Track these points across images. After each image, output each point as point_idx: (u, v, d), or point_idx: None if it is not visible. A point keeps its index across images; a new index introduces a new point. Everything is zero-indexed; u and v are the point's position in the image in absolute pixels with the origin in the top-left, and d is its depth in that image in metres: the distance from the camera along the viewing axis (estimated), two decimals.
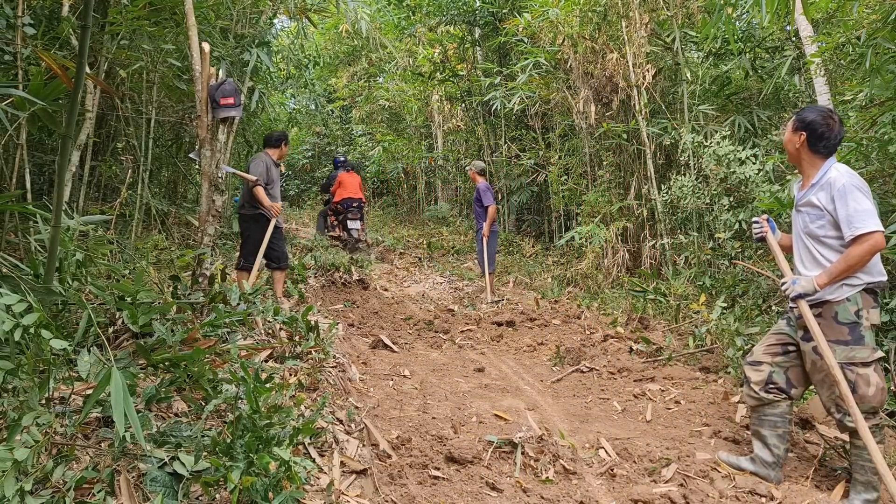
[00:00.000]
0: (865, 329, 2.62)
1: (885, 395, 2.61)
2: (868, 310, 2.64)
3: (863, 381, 2.59)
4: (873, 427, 2.58)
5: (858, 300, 2.63)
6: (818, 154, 2.76)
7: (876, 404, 2.60)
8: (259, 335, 3.58)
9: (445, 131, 14.46)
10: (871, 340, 2.64)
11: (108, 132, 6.60)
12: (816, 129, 2.73)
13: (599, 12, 7.69)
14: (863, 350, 2.61)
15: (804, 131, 2.76)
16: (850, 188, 2.62)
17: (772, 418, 2.83)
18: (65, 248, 2.84)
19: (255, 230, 5.42)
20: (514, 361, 4.86)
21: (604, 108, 8.14)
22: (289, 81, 10.99)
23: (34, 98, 2.57)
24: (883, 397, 2.60)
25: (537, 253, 10.12)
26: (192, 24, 3.87)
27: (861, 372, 2.60)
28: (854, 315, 2.63)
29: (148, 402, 2.26)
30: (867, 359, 2.60)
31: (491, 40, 11.34)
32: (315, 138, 19.13)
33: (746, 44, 7.66)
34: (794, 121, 2.83)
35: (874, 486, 2.60)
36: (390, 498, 2.41)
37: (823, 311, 2.69)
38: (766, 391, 2.84)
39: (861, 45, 4.36)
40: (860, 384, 2.59)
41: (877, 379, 2.60)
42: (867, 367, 2.60)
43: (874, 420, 2.61)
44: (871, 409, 2.60)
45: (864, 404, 2.57)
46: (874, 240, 2.56)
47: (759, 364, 2.90)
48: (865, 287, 2.63)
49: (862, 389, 2.58)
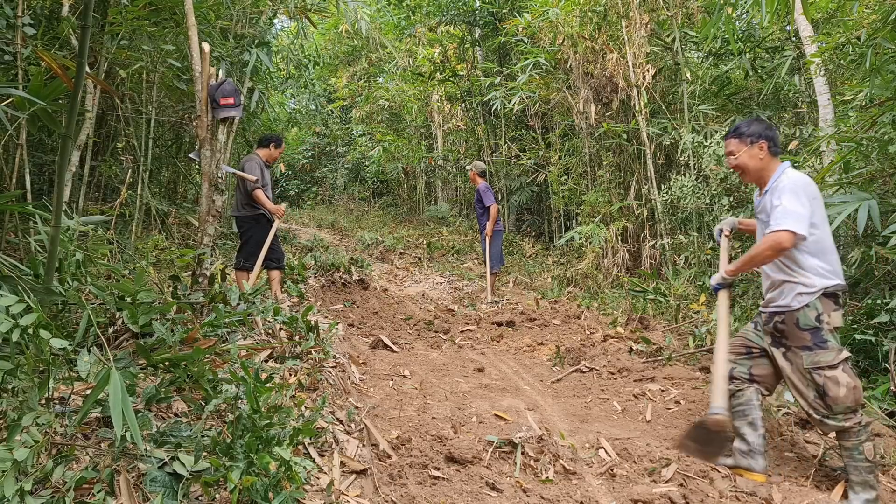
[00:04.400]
0: (827, 332, 2.66)
1: (858, 392, 2.62)
2: (829, 313, 2.67)
3: (832, 383, 2.62)
4: (857, 427, 2.61)
5: (818, 305, 2.66)
6: (776, 156, 2.88)
7: (850, 403, 2.61)
8: (259, 335, 3.58)
9: (445, 131, 14.46)
10: (835, 343, 2.67)
11: (108, 132, 6.61)
12: (772, 133, 2.87)
13: (599, 12, 7.70)
14: (827, 353, 2.64)
15: (764, 140, 2.86)
16: (787, 188, 2.71)
17: (738, 408, 2.85)
18: (65, 248, 2.84)
19: (256, 231, 5.42)
20: (514, 361, 4.85)
21: (604, 108, 8.14)
22: (289, 81, 11.00)
23: (34, 98, 2.56)
24: (856, 395, 2.61)
25: (537, 253, 10.13)
26: (192, 24, 3.87)
27: (829, 374, 2.63)
28: (815, 320, 2.66)
29: (148, 402, 2.26)
30: (832, 361, 2.63)
31: (491, 40, 11.35)
32: (315, 138, 19.14)
33: (746, 44, 7.67)
34: (746, 137, 2.89)
35: (871, 485, 2.60)
36: (390, 498, 2.41)
37: (786, 319, 2.73)
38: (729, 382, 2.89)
39: (861, 45, 4.37)
40: (829, 386, 2.62)
41: (846, 379, 2.61)
42: (834, 370, 2.62)
43: (854, 419, 2.62)
44: (847, 409, 2.62)
45: (838, 405, 2.60)
46: (778, 237, 2.63)
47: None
48: (824, 292, 2.67)
49: (832, 391, 2.61)
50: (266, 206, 5.39)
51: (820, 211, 2.74)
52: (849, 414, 2.62)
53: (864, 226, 3.64)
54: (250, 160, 5.50)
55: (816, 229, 2.69)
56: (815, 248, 2.69)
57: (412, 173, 15.97)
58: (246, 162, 5.49)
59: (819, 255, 2.70)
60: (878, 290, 4.24)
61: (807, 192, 2.69)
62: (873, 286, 4.36)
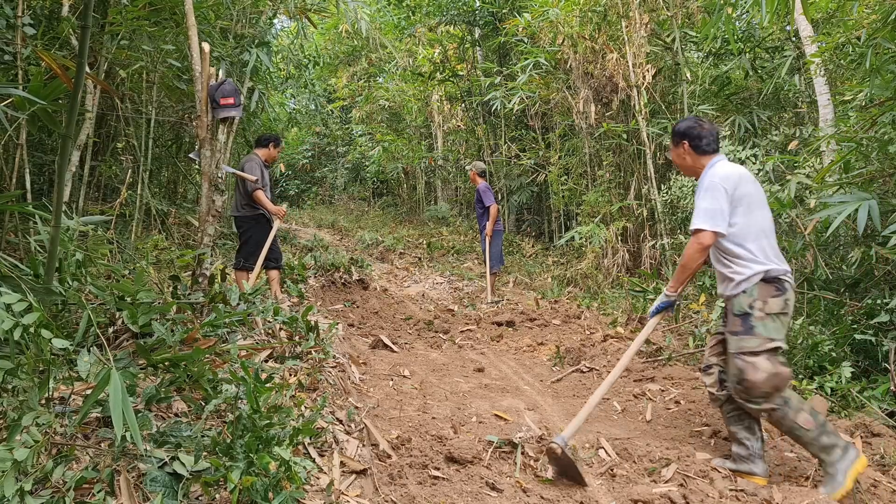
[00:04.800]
0: (757, 319, 2.68)
1: (779, 379, 2.64)
2: (766, 300, 2.69)
3: (751, 369, 2.66)
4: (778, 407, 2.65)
5: (754, 292, 2.70)
6: (705, 153, 2.92)
7: (768, 389, 2.65)
8: (259, 335, 3.58)
9: (445, 131, 14.45)
10: (764, 330, 2.68)
11: (108, 132, 6.61)
12: (692, 132, 2.93)
13: (599, 12, 7.69)
14: (752, 340, 2.68)
15: (684, 140, 2.95)
16: (704, 186, 2.81)
17: (735, 412, 2.85)
18: (65, 248, 2.84)
19: (256, 231, 5.43)
20: (514, 361, 4.85)
21: (604, 108, 8.14)
22: (289, 81, 11.00)
23: (34, 98, 2.56)
24: (776, 382, 2.64)
25: (537, 253, 10.13)
26: (192, 24, 3.87)
27: (749, 360, 2.67)
28: (746, 307, 2.71)
29: (148, 402, 2.26)
30: (756, 348, 2.67)
31: (491, 40, 11.35)
32: (315, 138, 19.13)
33: (746, 44, 7.67)
34: (673, 138, 3.02)
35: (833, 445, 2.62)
36: (390, 498, 2.41)
37: (726, 306, 2.86)
38: (719, 390, 2.89)
39: (861, 45, 4.37)
40: (748, 371, 2.66)
41: (767, 366, 2.64)
42: (756, 356, 2.66)
43: (774, 402, 2.66)
44: (765, 394, 2.65)
45: (756, 389, 2.65)
46: (697, 238, 2.73)
47: (710, 368, 2.96)
48: (764, 277, 2.70)
49: (750, 376, 2.66)
50: (266, 207, 5.40)
51: (748, 198, 2.77)
52: (768, 398, 2.67)
53: (864, 226, 3.63)
54: (250, 160, 5.50)
55: (741, 218, 2.74)
56: (743, 236, 2.74)
57: (412, 173, 15.96)
58: (246, 162, 5.49)
59: (749, 241, 2.74)
60: (878, 290, 4.23)
61: (726, 184, 2.75)
62: (873, 286, 4.36)
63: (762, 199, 2.85)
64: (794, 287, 2.79)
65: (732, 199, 2.74)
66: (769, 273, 2.71)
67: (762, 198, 2.85)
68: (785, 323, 2.73)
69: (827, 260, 4.84)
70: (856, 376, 3.77)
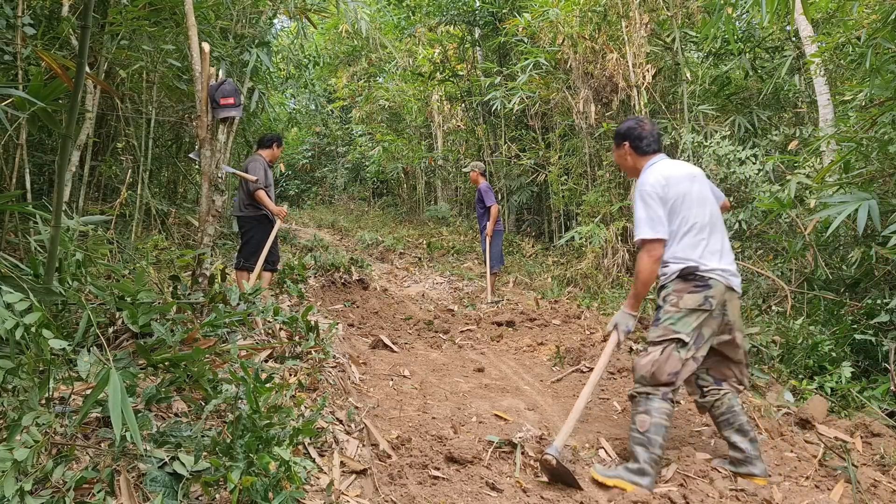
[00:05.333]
0: (666, 312, 2.73)
1: (657, 370, 2.68)
2: (681, 295, 2.71)
3: (643, 354, 2.79)
4: (640, 397, 2.72)
5: (670, 286, 2.76)
6: (645, 154, 2.96)
7: (644, 374, 2.71)
8: (259, 335, 3.58)
9: (445, 131, 14.45)
10: (670, 322, 2.70)
11: (108, 132, 6.60)
12: (633, 133, 2.97)
13: (599, 12, 7.70)
14: (655, 330, 2.76)
15: (625, 141, 2.99)
16: (637, 195, 2.85)
17: (723, 416, 2.83)
18: (65, 248, 2.84)
19: (258, 231, 5.46)
20: (514, 361, 4.85)
21: (604, 108, 8.14)
22: (289, 81, 10.99)
23: (34, 98, 2.56)
24: (654, 371, 2.68)
25: (537, 253, 10.13)
26: (192, 24, 3.87)
27: (649, 348, 2.77)
28: (661, 300, 2.78)
29: (148, 402, 2.26)
30: (655, 338, 2.74)
31: (491, 40, 11.35)
32: (315, 138, 19.13)
33: (746, 44, 7.67)
34: (615, 139, 3.08)
35: (636, 457, 2.65)
36: (390, 498, 2.41)
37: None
38: (703, 395, 2.88)
39: (861, 45, 4.37)
40: (641, 356, 2.78)
41: (655, 355, 2.70)
42: (654, 346, 2.73)
43: (640, 390, 2.73)
44: (641, 378, 2.73)
45: (637, 372, 2.76)
46: (648, 249, 2.75)
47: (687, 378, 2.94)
48: (681, 273, 2.72)
49: (637, 359, 2.79)
50: (268, 207, 5.43)
51: (681, 198, 2.77)
52: (641, 385, 2.73)
53: (864, 226, 3.63)
54: (254, 160, 5.52)
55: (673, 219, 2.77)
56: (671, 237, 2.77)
57: (412, 173, 15.96)
58: (250, 162, 5.52)
59: (675, 242, 2.76)
60: (878, 290, 4.24)
61: (655, 189, 2.77)
62: (873, 286, 4.37)
63: (701, 196, 2.82)
64: (731, 286, 2.75)
65: (665, 201, 2.76)
66: (688, 269, 2.71)
67: (702, 194, 2.83)
68: (703, 321, 2.69)
69: (827, 260, 4.84)
70: (856, 376, 3.77)
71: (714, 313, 2.71)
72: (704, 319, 2.69)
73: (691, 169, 2.92)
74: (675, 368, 2.67)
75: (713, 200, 2.89)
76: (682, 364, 2.68)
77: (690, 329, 2.68)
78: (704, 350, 2.74)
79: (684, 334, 2.68)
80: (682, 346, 2.68)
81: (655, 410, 2.66)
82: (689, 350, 2.69)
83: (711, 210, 2.84)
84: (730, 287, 2.75)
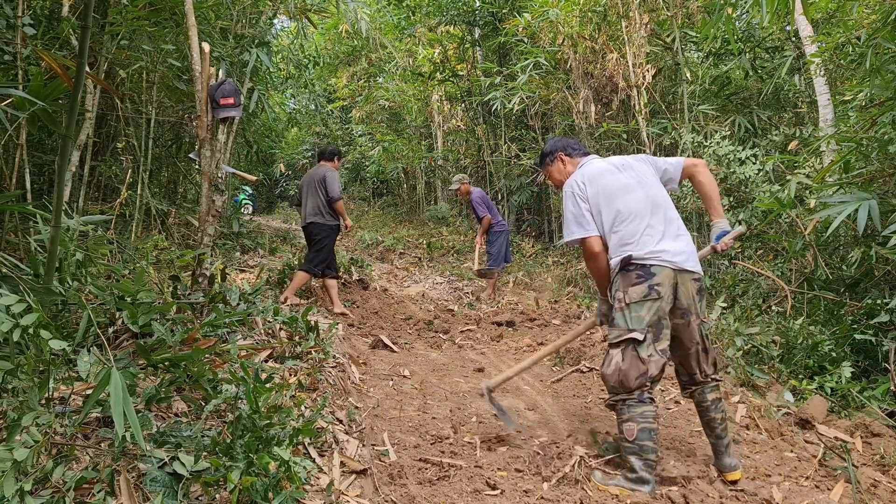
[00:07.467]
0: (618, 311, 2.65)
1: (625, 376, 2.58)
2: (626, 289, 2.63)
3: (606, 360, 2.68)
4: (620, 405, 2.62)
5: (617, 282, 2.70)
6: (576, 157, 3.02)
7: (614, 383, 2.62)
8: (259, 335, 3.58)
9: (445, 131, 14.45)
10: (624, 321, 2.62)
11: (108, 132, 6.60)
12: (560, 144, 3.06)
13: (599, 12, 7.70)
14: (614, 331, 2.68)
15: (558, 152, 3.04)
16: (564, 198, 2.86)
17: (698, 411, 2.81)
18: (65, 248, 2.84)
19: (331, 240, 5.85)
20: (514, 361, 4.85)
21: (604, 108, 8.14)
22: (289, 81, 10.99)
23: (34, 98, 2.56)
24: (622, 378, 2.59)
25: (537, 253, 10.12)
26: (192, 24, 3.87)
27: (610, 351, 2.67)
28: (611, 298, 2.73)
29: (148, 402, 2.26)
30: (614, 339, 2.65)
31: (491, 40, 11.35)
32: (315, 138, 19.13)
33: (746, 44, 7.67)
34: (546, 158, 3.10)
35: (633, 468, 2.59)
36: (390, 498, 2.41)
37: None
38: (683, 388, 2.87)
39: (861, 45, 4.37)
40: (606, 362, 2.68)
41: (618, 360, 2.61)
42: (615, 348, 2.64)
43: (616, 398, 2.63)
44: (612, 389, 2.64)
45: (606, 381, 2.67)
46: (584, 248, 2.77)
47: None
48: (621, 266, 2.67)
49: (604, 367, 2.69)
50: (344, 218, 5.88)
51: (605, 192, 2.75)
52: (615, 394, 2.64)
53: (864, 226, 3.63)
54: (331, 172, 5.84)
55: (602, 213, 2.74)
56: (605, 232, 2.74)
57: (412, 173, 15.96)
58: (326, 173, 5.81)
59: (611, 235, 2.72)
60: (878, 290, 4.24)
61: (576, 189, 2.79)
62: (873, 286, 4.36)
63: (628, 184, 2.76)
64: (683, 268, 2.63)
65: (589, 199, 2.76)
66: (624, 260, 2.64)
67: (630, 182, 2.76)
68: (655, 311, 2.59)
69: (827, 260, 4.84)
70: (856, 376, 3.77)
71: (665, 300, 2.59)
72: (656, 310, 2.58)
73: (622, 160, 2.88)
74: (641, 370, 2.57)
75: (650, 183, 2.79)
76: (645, 363, 2.58)
77: (644, 324, 2.58)
78: (665, 341, 2.63)
79: (638, 332, 2.58)
80: (639, 345, 2.58)
81: (639, 416, 2.58)
82: (648, 347, 2.59)
83: (647, 193, 2.74)
84: (681, 269, 2.63)
